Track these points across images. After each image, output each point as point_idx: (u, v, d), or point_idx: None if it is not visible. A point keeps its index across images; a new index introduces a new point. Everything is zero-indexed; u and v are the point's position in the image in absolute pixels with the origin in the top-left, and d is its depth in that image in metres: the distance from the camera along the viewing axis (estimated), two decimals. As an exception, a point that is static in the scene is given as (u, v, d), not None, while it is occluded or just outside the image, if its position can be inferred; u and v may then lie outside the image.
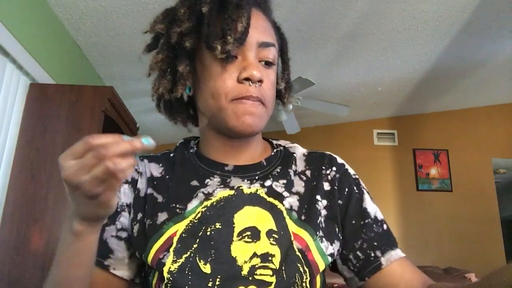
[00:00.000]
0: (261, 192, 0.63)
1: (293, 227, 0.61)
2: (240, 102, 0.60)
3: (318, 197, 0.65)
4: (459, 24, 2.79)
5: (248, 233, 0.59)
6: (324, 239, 0.62)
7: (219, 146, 0.67)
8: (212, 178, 0.65)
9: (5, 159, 1.87)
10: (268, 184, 0.65)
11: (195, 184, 0.65)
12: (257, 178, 0.66)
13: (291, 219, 0.62)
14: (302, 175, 0.68)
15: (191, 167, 0.67)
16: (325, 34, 2.77)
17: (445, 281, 1.88)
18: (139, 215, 0.64)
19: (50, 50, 2.23)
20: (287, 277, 0.57)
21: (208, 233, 0.59)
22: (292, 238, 0.60)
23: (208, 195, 0.63)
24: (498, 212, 4.32)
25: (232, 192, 0.63)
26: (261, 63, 0.63)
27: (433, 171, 4.46)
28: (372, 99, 4.06)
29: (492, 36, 3.03)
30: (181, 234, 0.59)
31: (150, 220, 0.62)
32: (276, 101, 0.74)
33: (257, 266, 0.57)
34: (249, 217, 0.60)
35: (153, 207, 0.63)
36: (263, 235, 0.59)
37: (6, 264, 1.71)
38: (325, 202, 0.65)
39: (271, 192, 0.64)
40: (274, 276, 0.57)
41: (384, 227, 0.66)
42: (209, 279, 0.56)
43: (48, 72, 2.15)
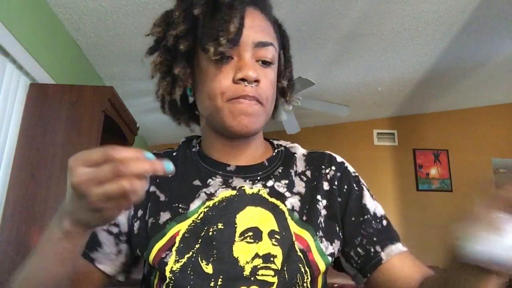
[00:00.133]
0: (263, 193, 0.63)
1: (294, 227, 0.61)
2: (236, 102, 0.60)
3: (318, 197, 0.65)
4: (459, 24, 2.79)
5: (250, 234, 0.59)
6: (324, 239, 0.62)
7: (219, 146, 0.67)
8: (214, 178, 0.65)
9: (5, 159, 1.87)
10: (270, 184, 0.65)
11: (197, 184, 0.65)
12: (259, 178, 0.66)
13: (292, 219, 0.62)
14: (302, 176, 0.68)
15: (194, 167, 0.67)
16: (325, 34, 2.77)
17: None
18: (140, 212, 0.64)
19: (50, 50, 2.23)
20: (288, 278, 0.57)
21: (210, 233, 0.59)
22: (294, 239, 0.60)
23: (210, 195, 0.63)
24: (498, 212, 4.32)
25: (234, 192, 0.63)
26: (258, 62, 0.62)
27: (433, 171, 4.46)
28: (372, 99, 4.05)
29: (492, 36, 3.03)
30: (184, 234, 0.59)
31: (153, 219, 0.62)
32: (280, 100, 0.74)
33: (259, 266, 0.57)
34: (251, 217, 0.60)
35: (155, 206, 0.63)
36: (265, 235, 0.59)
37: (6, 264, 1.71)
38: (325, 201, 0.65)
39: (273, 192, 0.64)
40: (276, 276, 0.57)
41: (384, 222, 0.66)
42: (211, 279, 0.56)
43: (48, 72, 2.15)
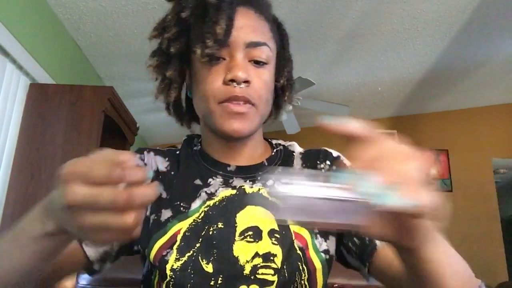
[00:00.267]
0: (263, 192, 0.64)
1: (294, 226, 0.61)
2: (226, 103, 0.60)
3: None
4: (459, 24, 2.79)
5: (250, 233, 0.59)
6: (319, 235, 0.62)
7: (218, 146, 0.68)
8: (215, 178, 0.65)
9: (5, 159, 1.87)
10: (270, 183, 0.65)
11: (198, 183, 0.65)
12: (259, 178, 0.66)
13: None
14: None
15: (195, 166, 0.68)
16: (325, 34, 2.77)
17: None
18: None
19: (50, 50, 2.23)
20: (288, 276, 0.57)
21: (211, 232, 0.59)
22: (293, 237, 0.60)
23: (210, 195, 0.63)
24: (498, 212, 4.32)
25: (234, 191, 0.63)
26: (251, 62, 0.62)
27: (433, 171, 4.46)
28: (372, 99, 4.06)
29: (492, 36, 3.03)
30: (185, 233, 0.59)
31: (155, 215, 0.62)
32: (282, 100, 0.74)
33: (259, 265, 0.57)
34: (251, 216, 0.60)
35: (157, 203, 0.63)
36: (265, 234, 0.59)
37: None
38: None
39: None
40: (276, 275, 0.57)
41: None
42: (211, 278, 0.56)
43: (48, 72, 2.15)
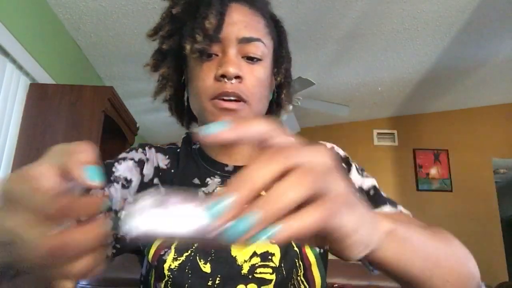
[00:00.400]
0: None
1: None
2: (217, 100, 0.59)
3: None
4: (459, 24, 2.79)
5: None
6: None
7: (215, 146, 0.67)
8: (212, 178, 0.66)
9: (5, 159, 1.87)
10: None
11: (196, 182, 0.65)
12: None
13: None
14: None
15: (194, 165, 0.68)
16: (325, 34, 2.77)
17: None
18: None
19: (50, 50, 2.23)
20: (286, 273, 0.57)
21: None
22: None
23: (208, 195, 0.63)
24: (498, 212, 4.32)
25: None
26: (244, 58, 0.61)
27: (433, 171, 4.46)
28: (372, 99, 4.05)
29: (492, 36, 3.03)
30: None
31: None
32: (282, 98, 0.73)
33: (257, 265, 0.57)
34: None
35: None
36: None
37: (6, 264, 1.71)
38: None
39: None
40: (274, 273, 0.57)
41: (371, 192, 0.65)
42: (209, 278, 0.56)
43: (48, 72, 2.15)
